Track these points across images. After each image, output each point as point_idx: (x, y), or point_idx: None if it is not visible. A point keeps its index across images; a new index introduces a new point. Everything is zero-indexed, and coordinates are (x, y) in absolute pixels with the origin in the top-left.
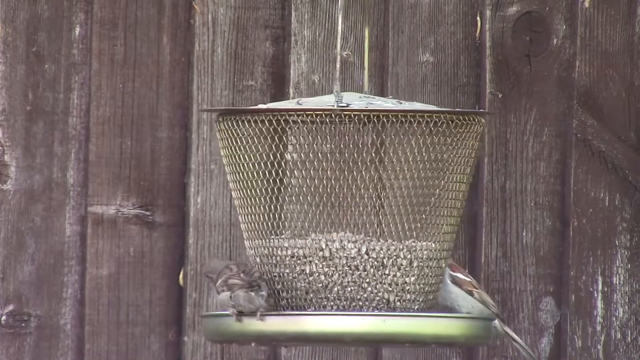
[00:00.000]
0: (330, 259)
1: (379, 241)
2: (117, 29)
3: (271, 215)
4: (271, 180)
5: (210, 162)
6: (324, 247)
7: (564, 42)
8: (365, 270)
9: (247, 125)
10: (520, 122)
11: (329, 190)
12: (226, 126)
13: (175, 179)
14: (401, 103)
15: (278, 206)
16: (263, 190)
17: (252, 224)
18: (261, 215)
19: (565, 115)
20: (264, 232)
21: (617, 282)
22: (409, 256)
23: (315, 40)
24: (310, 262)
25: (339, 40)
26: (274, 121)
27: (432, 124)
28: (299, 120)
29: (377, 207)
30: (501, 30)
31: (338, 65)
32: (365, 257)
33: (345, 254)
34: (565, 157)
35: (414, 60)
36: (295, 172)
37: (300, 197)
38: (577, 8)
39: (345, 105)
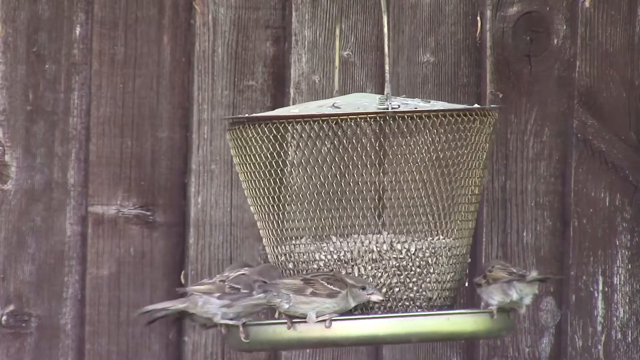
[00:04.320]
0: (379, 261)
1: (426, 240)
2: (117, 29)
3: (315, 219)
4: (312, 186)
5: (210, 162)
6: (374, 249)
7: (565, 42)
8: (412, 270)
9: (280, 132)
10: (520, 122)
11: (370, 191)
12: (255, 133)
13: (175, 179)
14: (429, 102)
15: (323, 210)
16: (299, 195)
17: (283, 230)
18: (312, 220)
19: (566, 115)
20: (296, 236)
21: (618, 282)
22: (448, 254)
23: (316, 40)
24: (357, 264)
25: (386, 42)
26: (323, 126)
27: (458, 122)
28: (342, 125)
29: (418, 207)
30: (501, 30)
31: (387, 68)
32: (413, 257)
33: (394, 255)
34: (566, 157)
35: (415, 60)
36: (337, 175)
37: (342, 200)
38: (577, 8)
39: (397, 106)
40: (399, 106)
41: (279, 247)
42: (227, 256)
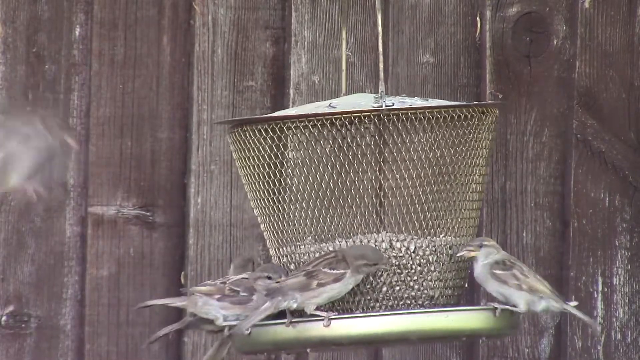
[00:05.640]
0: None
1: (426, 238)
2: (117, 30)
3: (315, 220)
4: (311, 187)
5: (210, 163)
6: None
7: (564, 42)
8: (412, 268)
9: (278, 133)
10: (520, 123)
11: (369, 191)
12: (255, 134)
13: (175, 180)
14: (427, 100)
15: (324, 210)
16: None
17: (284, 232)
18: (312, 221)
19: (566, 116)
20: (298, 238)
21: (617, 283)
22: (450, 252)
23: (316, 41)
24: None
25: (380, 40)
26: (318, 125)
27: (455, 119)
28: (337, 125)
29: (417, 205)
30: (501, 31)
31: (382, 66)
32: (413, 255)
33: (394, 254)
34: (566, 157)
35: (414, 61)
36: (338, 176)
37: (340, 200)
38: (577, 8)
39: (391, 105)
40: (393, 104)
41: (281, 249)
42: (227, 256)
